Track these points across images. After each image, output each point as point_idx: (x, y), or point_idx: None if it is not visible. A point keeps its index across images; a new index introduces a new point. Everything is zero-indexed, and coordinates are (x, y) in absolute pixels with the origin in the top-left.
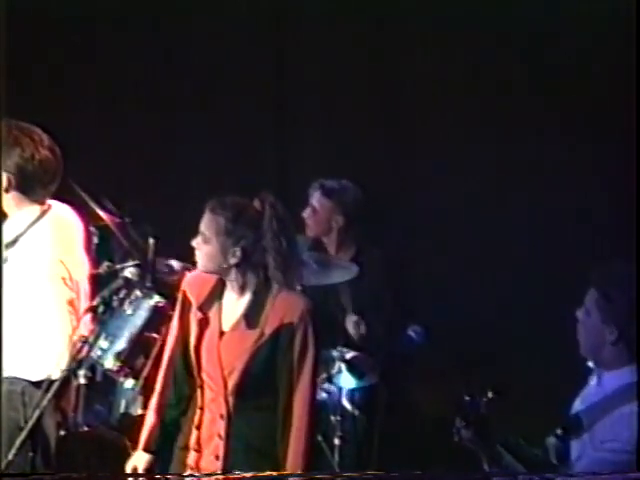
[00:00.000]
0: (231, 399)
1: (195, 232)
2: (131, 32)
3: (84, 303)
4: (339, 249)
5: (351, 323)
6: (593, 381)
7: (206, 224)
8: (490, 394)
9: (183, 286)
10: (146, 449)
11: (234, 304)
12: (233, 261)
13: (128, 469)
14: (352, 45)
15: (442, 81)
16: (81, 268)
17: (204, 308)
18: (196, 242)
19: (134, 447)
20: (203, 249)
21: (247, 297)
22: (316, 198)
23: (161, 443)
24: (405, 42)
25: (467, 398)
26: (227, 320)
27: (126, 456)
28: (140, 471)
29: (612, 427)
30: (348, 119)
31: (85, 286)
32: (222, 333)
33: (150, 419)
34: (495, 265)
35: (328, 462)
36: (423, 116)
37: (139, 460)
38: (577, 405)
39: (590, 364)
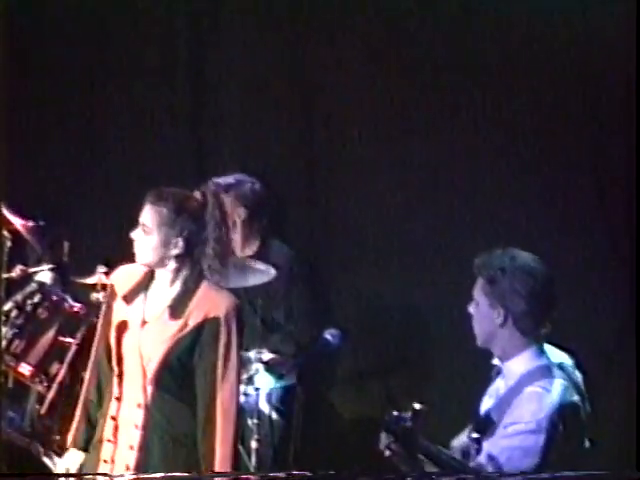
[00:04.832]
0: (150, 388)
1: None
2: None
3: None
4: (244, 245)
5: None
6: (499, 376)
7: (147, 216)
8: (417, 406)
9: (110, 280)
10: (75, 446)
11: (161, 295)
12: (174, 252)
13: (61, 470)
14: (271, 44)
15: (357, 79)
16: None
17: (128, 299)
18: (135, 234)
19: (46, 452)
20: (144, 241)
21: (175, 288)
22: None
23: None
24: (324, 42)
25: (394, 413)
26: (151, 310)
27: (37, 462)
28: (72, 471)
29: (515, 410)
30: (264, 117)
31: None
32: (144, 323)
33: (78, 415)
34: (413, 264)
35: (245, 465)
36: (339, 112)
37: (71, 459)
38: (487, 403)
39: (494, 361)
